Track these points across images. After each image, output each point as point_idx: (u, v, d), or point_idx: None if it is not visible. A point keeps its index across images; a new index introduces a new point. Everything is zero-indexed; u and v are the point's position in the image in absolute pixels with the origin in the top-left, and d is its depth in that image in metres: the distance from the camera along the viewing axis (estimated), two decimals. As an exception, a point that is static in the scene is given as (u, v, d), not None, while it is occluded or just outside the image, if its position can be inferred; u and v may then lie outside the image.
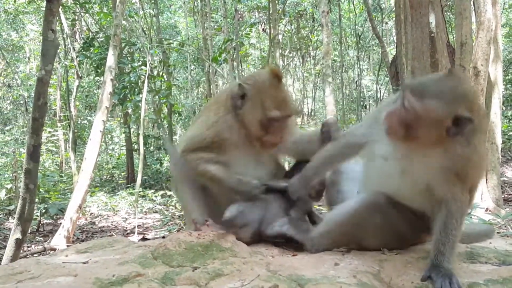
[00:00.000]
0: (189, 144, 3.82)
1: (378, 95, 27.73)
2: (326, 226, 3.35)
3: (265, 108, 3.60)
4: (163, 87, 20.34)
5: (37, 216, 12.38)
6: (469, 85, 3.25)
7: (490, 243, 3.47)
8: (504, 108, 18.69)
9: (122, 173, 24.21)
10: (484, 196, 9.56)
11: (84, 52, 19.27)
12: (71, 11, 22.11)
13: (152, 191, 17.39)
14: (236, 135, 3.73)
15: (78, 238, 11.50)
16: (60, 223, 10.86)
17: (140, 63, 18.86)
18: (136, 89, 18.34)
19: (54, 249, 9.07)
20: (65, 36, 22.32)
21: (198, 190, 3.83)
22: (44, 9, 6.91)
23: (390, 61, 19.17)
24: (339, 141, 3.50)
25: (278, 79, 3.69)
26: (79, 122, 26.38)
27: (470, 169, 2.98)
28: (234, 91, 3.74)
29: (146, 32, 23.28)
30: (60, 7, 13.57)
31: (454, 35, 11.94)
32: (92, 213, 15.44)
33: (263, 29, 28.72)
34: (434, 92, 2.91)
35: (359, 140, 3.39)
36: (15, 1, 24.71)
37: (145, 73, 17.46)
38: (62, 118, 25.15)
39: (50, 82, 8.76)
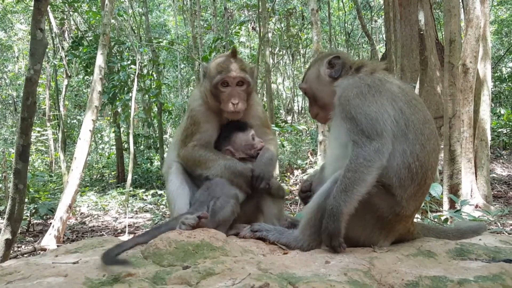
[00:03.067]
0: (179, 136, 4.03)
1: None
2: (304, 217, 3.34)
3: (210, 77, 3.86)
4: (153, 86, 20.35)
5: (27, 216, 12.31)
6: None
7: (480, 239, 3.49)
8: (493, 105, 18.79)
9: (112, 173, 24.16)
10: (474, 193, 9.61)
11: (73, 51, 19.21)
12: (59, 10, 22.02)
13: (143, 190, 17.35)
14: (204, 109, 3.96)
15: (68, 238, 11.46)
16: (50, 223, 10.80)
17: (129, 62, 18.82)
18: (125, 88, 18.33)
19: (45, 249, 9.03)
20: (53, 35, 22.21)
21: (184, 185, 3.91)
22: (32, 8, 6.87)
23: (379, 59, 19.24)
24: None
25: (232, 53, 3.90)
26: (68, 122, 26.32)
27: (356, 98, 3.16)
28: None
29: (136, 31, 23.26)
30: (49, 6, 13.51)
31: (443, 33, 11.99)
32: (82, 213, 15.38)
33: (252, 27, 28.74)
34: (307, 68, 3.82)
35: None
36: (3, 1, 24.58)
37: (135, 72, 17.46)
38: (51, 117, 25.05)
39: (39, 81, 8.72)
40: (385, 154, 3.03)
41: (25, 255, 8.80)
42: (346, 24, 28.56)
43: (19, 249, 10.14)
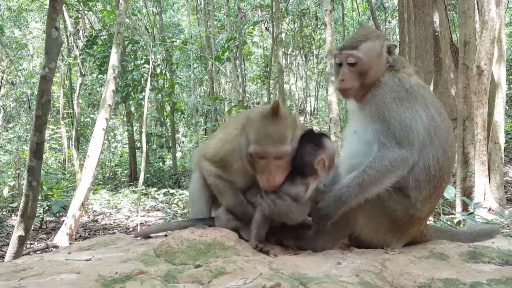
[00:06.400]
0: (207, 153, 3.66)
1: (381, 94, 27.69)
2: None
3: (248, 141, 3.26)
4: (165, 85, 20.43)
5: (40, 213, 12.41)
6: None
7: (493, 242, 3.46)
8: (507, 107, 18.62)
9: (125, 171, 24.26)
10: (487, 196, 9.53)
11: (87, 50, 19.35)
12: (74, 9, 22.18)
13: (155, 189, 17.41)
14: (240, 165, 3.45)
15: (80, 235, 11.53)
16: (63, 221, 10.88)
17: (143, 61, 18.91)
18: (139, 87, 18.42)
19: (57, 247, 9.09)
20: (68, 34, 22.35)
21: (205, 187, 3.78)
22: (47, 6, 6.93)
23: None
24: None
25: (273, 114, 3.18)
26: (82, 120, 26.46)
27: (393, 102, 3.10)
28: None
29: (149, 30, 23.34)
30: (64, 5, 13.59)
31: (458, 34, 11.90)
32: (94, 211, 15.48)
33: (266, 27, 28.72)
34: (361, 38, 3.38)
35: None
36: (18, -1, 24.79)
37: (148, 71, 17.51)
38: (65, 115, 25.24)
39: (54, 79, 8.79)
40: (410, 164, 3.06)
41: (37, 252, 8.87)
42: (360, 25, 28.44)
43: (32, 246, 10.23)
